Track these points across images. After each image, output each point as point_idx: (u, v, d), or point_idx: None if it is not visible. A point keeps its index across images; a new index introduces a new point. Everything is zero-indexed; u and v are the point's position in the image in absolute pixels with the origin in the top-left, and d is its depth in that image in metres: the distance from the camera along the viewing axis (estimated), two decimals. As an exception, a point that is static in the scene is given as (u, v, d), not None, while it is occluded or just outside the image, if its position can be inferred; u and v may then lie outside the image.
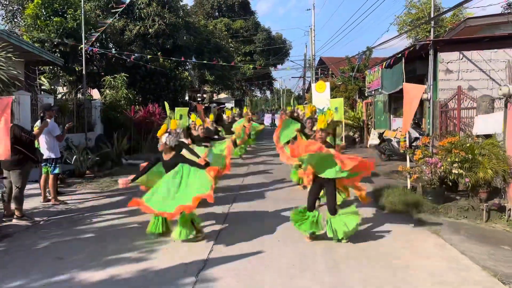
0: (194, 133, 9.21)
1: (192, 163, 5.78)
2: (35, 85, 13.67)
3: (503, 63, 10.34)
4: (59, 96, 15.45)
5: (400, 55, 12.41)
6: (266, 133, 23.96)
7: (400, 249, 5.34)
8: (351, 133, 19.22)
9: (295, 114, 10.74)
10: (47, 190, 7.98)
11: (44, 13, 14.63)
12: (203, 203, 7.27)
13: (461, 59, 11.21)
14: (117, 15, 15.33)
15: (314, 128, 6.48)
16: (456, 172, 7.19)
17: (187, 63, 21.13)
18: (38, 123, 7.90)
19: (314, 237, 5.62)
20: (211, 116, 13.15)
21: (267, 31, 43.79)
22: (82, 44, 13.66)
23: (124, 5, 14.38)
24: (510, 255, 5.32)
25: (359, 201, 6.45)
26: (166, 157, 5.77)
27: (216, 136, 10.42)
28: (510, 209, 6.81)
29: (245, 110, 21.77)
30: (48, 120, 7.56)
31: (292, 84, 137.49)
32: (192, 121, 10.05)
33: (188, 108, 15.93)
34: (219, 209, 7.42)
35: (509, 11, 7.33)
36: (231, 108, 25.52)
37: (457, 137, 7.88)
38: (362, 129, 18.74)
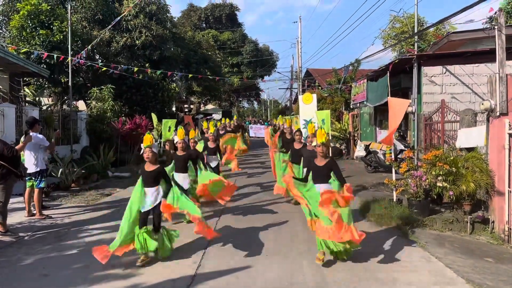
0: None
1: (170, 180, 5.84)
2: (20, 97, 13.53)
3: (485, 77, 10.58)
4: (44, 107, 15.29)
5: (385, 68, 12.62)
6: (255, 145, 23.98)
7: (386, 263, 5.39)
8: (337, 145, 19.38)
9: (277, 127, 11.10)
10: (31, 204, 7.87)
11: (30, 24, 14.54)
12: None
13: (445, 73, 11.45)
14: (106, 30, 15.29)
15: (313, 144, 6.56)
16: (441, 185, 7.32)
17: (174, 74, 21.14)
18: (23, 138, 7.82)
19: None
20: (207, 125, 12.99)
21: (254, 43, 44.11)
22: (68, 56, 13.59)
23: (115, 21, 14.32)
24: (493, 267, 5.42)
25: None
26: (148, 168, 5.61)
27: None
28: (493, 221, 6.95)
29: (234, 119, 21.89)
30: (33, 134, 7.48)
31: (279, 94, 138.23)
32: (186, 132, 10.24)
33: (176, 120, 15.91)
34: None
35: (489, 26, 7.54)
36: (220, 120, 25.58)
37: (441, 150, 8.03)
38: (348, 141, 18.91)
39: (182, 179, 7.27)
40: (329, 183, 5.50)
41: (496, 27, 6.99)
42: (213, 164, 10.12)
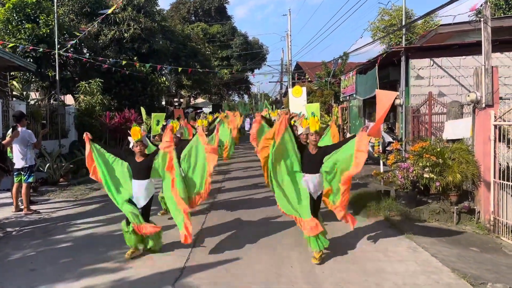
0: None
1: None
2: (6, 91, 13.35)
3: (471, 69, 10.66)
4: (32, 102, 15.12)
5: (373, 61, 12.68)
6: (244, 138, 24.00)
7: (374, 253, 5.46)
8: (327, 138, 19.43)
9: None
10: (19, 199, 7.81)
11: (16, 17, 14.32)
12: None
13: (432, 65, 11.53)
14: (96, 23, 15.11)
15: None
16: (428, 176, 7.39)
17: (164, 68, 21.02)
18: (10, 132, 7.74)
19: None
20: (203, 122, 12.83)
21: (244, 36, 43.92)
22: (55, 49, 13.43)
23: (103, 15, 14.11)
24: (478, 256, 5.52)
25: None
26: (139, 159, 5.50)
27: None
28: (479, 212, 7.06)
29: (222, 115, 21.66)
30: (20, 128, 7.41)
31: (269, 88, 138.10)
32: (198, 125, 10.07)
33: (165, 114, 15.83)
34: (196, 217, 7.41)
35: (476, 19, 7.63)
36: (210, 113, 25.57)
37: (427, 142, 8.11)
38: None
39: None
40: (320, 172, 5.44)
41: (482, 19, 7.05)
42: None
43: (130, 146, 5.59)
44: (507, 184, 6.47)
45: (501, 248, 6.02)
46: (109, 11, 13.17)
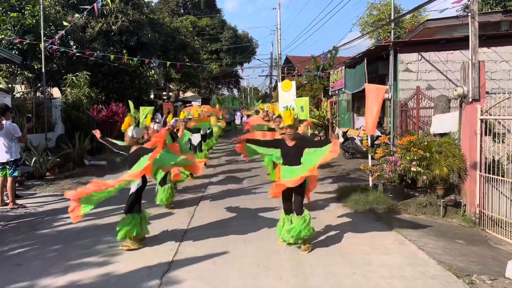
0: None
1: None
2: (-9, 84, 13.13)
3: (459, 64, 10.73)
4: (17, 95, 14.87)
5: (362, 55, 12.71)
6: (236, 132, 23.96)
7: (361, 246, 5.49)
8: (316, 132, 19.50)
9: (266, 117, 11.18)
10: (4, 193, 7.69)
11: (0, 8, 14.03)
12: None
13: (420, 60, 11.59)
14: (84, 13, 14.84)
15: (281, 126, 6.47)
16: (415, 170, 7.46)
17: (152, 61, 20.76)
18: (-6, 125, 7.60)
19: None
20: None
21: (233, 30, 43.67)
22: (41, 41, 13.19)
23: (91, 7, 13.82)
24: (464, 249, 5.60)
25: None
26: (132, 149, 5.60)
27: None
28: (465, 205, 7.15)
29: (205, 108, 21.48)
30: (5, 122, 7.29)
31: (259, 82, 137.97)
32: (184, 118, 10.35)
33: (153, 107, 15.68)
34: (184, 210, 7.40)
35: (464, 14, 7.71)
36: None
37: (415, 136, 8.17)
38: (327, 128, 19.04)
39: None
40: (301, 163, 5.35)
41: (469, 14, 7.10)
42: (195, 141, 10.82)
43: (130, 134, 5.63)
44: (492, 177, 6.56)
45: (487, 241, 6.11)
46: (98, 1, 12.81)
